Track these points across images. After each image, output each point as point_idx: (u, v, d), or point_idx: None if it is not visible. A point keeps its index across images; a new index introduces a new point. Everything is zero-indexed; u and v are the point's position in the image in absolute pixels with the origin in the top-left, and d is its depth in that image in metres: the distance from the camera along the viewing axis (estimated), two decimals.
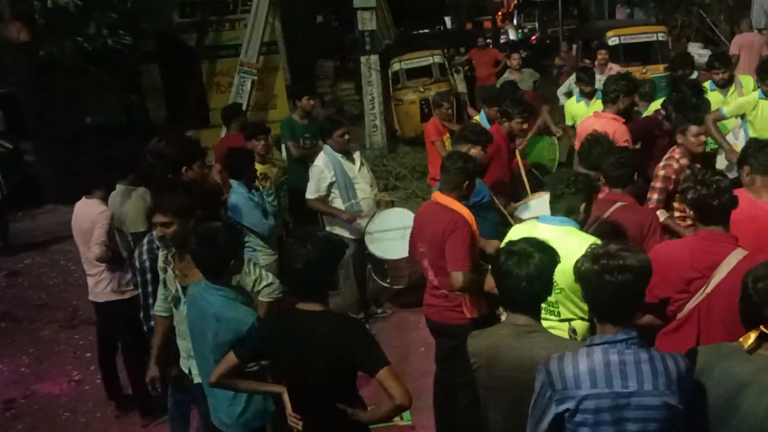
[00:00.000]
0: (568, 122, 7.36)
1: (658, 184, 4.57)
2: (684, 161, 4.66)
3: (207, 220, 3.57)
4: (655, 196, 4.52)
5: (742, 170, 3.75)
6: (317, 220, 6.06)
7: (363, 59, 11.16)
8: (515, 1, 42.50)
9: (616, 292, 2.16)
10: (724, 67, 6.41)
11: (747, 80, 6.83)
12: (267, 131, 6.25)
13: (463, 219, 3.86)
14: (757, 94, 5.80)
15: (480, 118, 6.35)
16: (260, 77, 10.84)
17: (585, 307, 3.08)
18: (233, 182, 5.03)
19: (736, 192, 3.36)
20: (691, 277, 2.95)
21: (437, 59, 12.29)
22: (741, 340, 2.13)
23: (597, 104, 7.23)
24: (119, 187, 5.05)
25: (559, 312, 3.25)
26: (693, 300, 2.97)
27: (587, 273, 2.19)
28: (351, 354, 2.58)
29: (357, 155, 5.78)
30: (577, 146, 5.32)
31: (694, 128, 4.66)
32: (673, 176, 4.56)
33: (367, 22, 10.99)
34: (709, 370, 2.20)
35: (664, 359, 2.15)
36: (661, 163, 4.72)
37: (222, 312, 3.04)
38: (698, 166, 4.54)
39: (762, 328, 2.08)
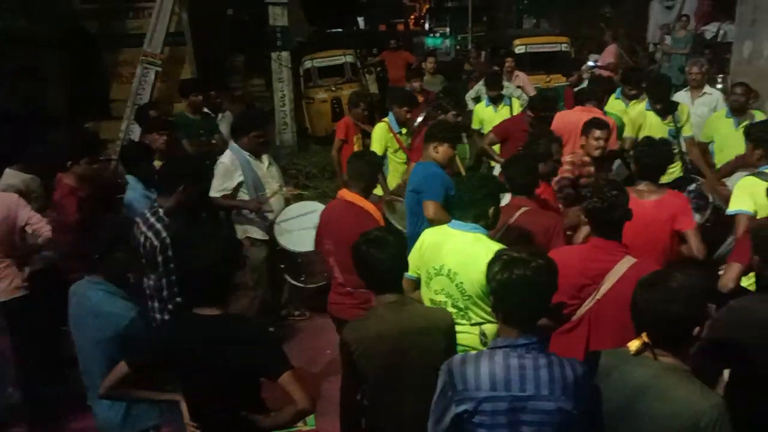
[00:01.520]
0: (476, 126, 7.49)
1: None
2: (586, 159, 4.93)
3: (102, 214, 3.41)
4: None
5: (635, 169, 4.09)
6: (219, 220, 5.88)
7: (274, 55, 10.97)
8: (427, 6, 43.17)
9: (522, 297, 2.22)
10: (633, 83, 6.72)
11: None
12: (169, 125, 5.97)
13: (371, 216, 3.93)
14: (643, 106, 6.16)
15: (389, 119, 6.34)
16: (165, 69, 10.44)
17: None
18: (129, 178, 4.81)
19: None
20: (582, 283, 3.10)
21: (350, 59, 12.26)
22: (628, 344, 2.21)
23: (504, 109, 7.43)
24: (8, 171, 4.89)
25: (470, 317, 3.29)
26: (584, 305, 3.10)
27: (496, 279, 2.23)
28: (252, 359, 2.50)
29: (265, 154, 5.63)
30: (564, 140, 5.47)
31: (596, 132, 4.88)
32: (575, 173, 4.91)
33: (278, 17, 10.81)
34: (608, 374, 2.27)
35: (562, 365, 2.21)
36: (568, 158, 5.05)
37: (100, 306, 2.92)
38: (602, 177, 4.81)
39: (644, 336, 2.16)
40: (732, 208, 4.12)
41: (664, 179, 4.48)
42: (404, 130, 6.37)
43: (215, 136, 6.79)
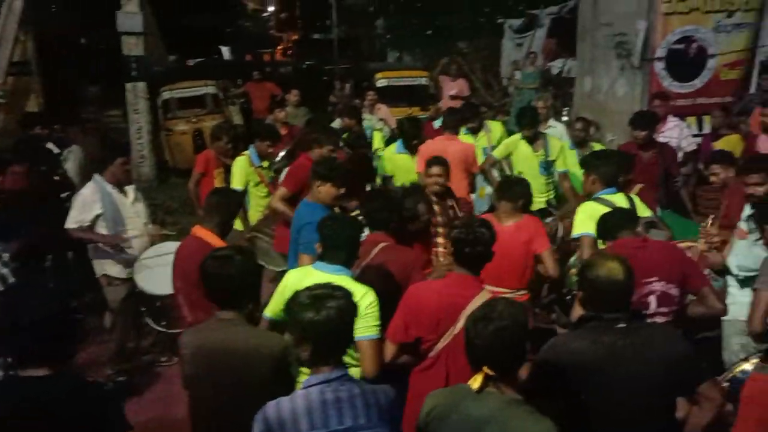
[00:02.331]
0: None
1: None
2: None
3: None
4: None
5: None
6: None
7: (129, 86, 10.55)
8: (294, 37, 43.42)
9: (332, 332, 2.27)
10: (473, 116, 7.05)
11: (495, 125, 7.56)
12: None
13: None
14: (518, 136, 6.51)
15: (249, 152, 6.23)
16: (9, 100, 9.74)
17: (356, 354, 3.13)
18: None
19: (486, 217, 3.93)
20: (439, 318, 3.12)
21: (211, 90, 12.02)
22: (470, 382, 2.26)
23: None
24: None
25: None
26: (441, 341, 3.13)
27: (304, 318, 2.26)
28: (87, 421, 2.29)
29: (131, 188, 5.32)
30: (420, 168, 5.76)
31: (435, 168, 5.05)
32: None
33: (133, 47, 10.43)
34: (447, 414, 2.30)
35: (375, 392, 2.30)
36: None
37: None
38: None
39: (485, 369, 2.22)
40: (576, 231, 4.40)
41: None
42: (266, 164, 6.28)
43: (59, 172, 6.37)
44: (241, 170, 6.08)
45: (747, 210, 4.30)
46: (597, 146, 6.82)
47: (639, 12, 8.10)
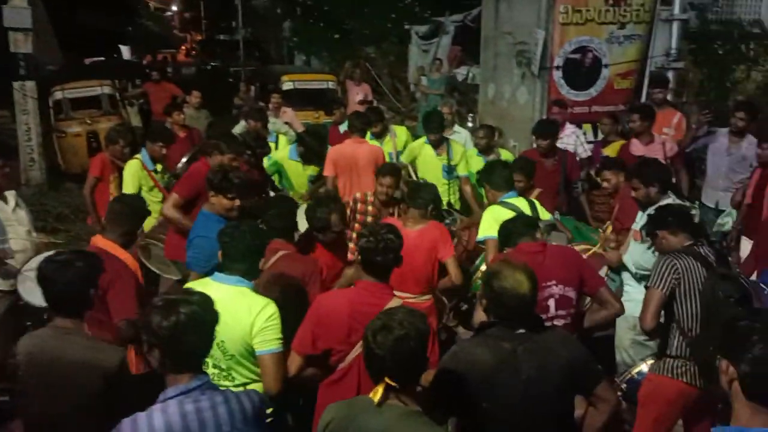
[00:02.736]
0: None
1: None
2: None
3: None
4: None
5: None
6: None
7: (17, 85, 9.90)
8: (199, 37, 42.39)
9: (191, 340, 2.19)
10: (377, 121, 7.06)
11: (400, 130, 7.59)
12: None
13: (124, 266, 3.62)
14: (423, 140, 6.58)
15: (142, 155, 5.94)
16: None
17: (258, 370, 3.04)
18: None
19: (391, 221, 4.01)
20: (351, 327, 3.05)
21: (107, 90, 11.46)
22: (371, 394, 2.20)
23: (270, 145, 7.41)
24: None
25: (233, 377, 3.12)
26: (354, 351, 3.05)
27: (162, 328, 2.16)
28: None
29: (11, 194, 4.93)
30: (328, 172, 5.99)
31: (387, 179, 5.06)
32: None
33: (21, 43, 9.79)
34: (344, 428, 2.23)
35: (239, 397, 2.25)
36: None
37: None
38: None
39: (387, 379, 2.16)
40: (480, 235, 4.52)
41: None
42: (159, 167, 6.00)
43: None
44: (133, 174, 5.79)
45: (640, 216, 4.48)
46: (503, 152, 6.98)
47: (537, 22, 8.34)
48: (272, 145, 7.45)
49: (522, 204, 4.56)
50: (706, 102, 10.43)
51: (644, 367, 3.92)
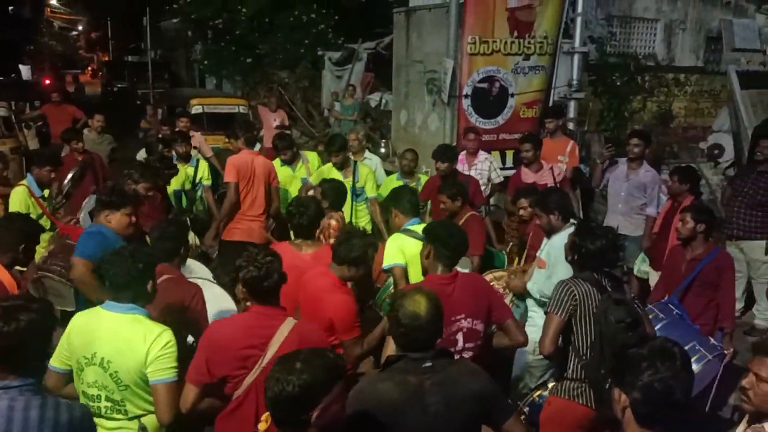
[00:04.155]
0: None
1: None
2: None
3: None
4: None
5: None
6: None
7: None
8: (106, 58, 41.06)
9: (23, 342, 2.29)
10: (287, 148, 7.01)
11: (311, 155, 7.54)
12: None
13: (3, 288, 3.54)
14: (330, 164, 6.57)
15: (28, 181, 5.62)
16: None
17: (152, 399, 2.93)
18: None
19: (281, 246, 4.10)
20: (247, 354, 2.99)
21: (1, 112, 10.87)
22: (259, 425, 2.14)
23: (189, 170, 7.22)
24: None
25: (126, 410, 2.99)
26: (250, 375, 2.99)
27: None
28: None
29: None
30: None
31: None
32: None
33: None
34: None
35: (58, 407, 2.30)
36: None
37: None
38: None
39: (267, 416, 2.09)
40: (386, 263, 4.48)
41: None
42: (47, 192, 5.69)
43: None
44: (20, 201, 5.46)
45: (545, 243, 4.58)
46: (424, 178, 7.06)
47: (447, 51, 8.52)
48: (191, 170, 7.27)
49: None
50: (606, 131, 10.94)
51: (544, 392, 3.98)
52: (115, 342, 2.94)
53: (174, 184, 6.85)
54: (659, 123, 11.79)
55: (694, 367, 3.87)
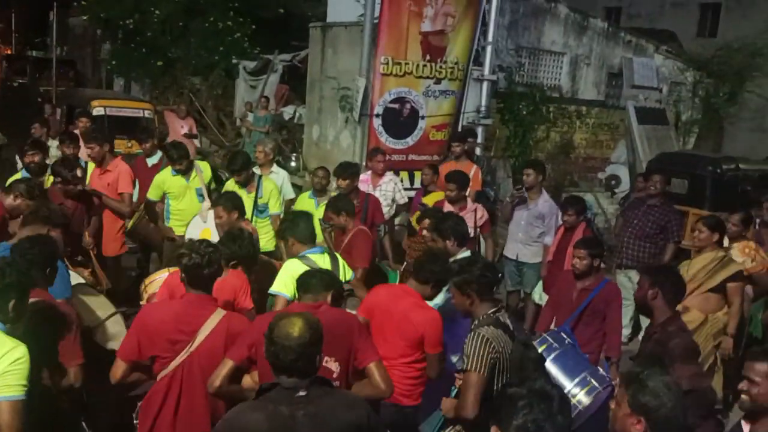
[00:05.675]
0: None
1: None
2: None
3: None
4: None
5: None
6: None
7: None
8: (8, 52, 38.83)
9: None
10: (182, 158, 6.65)
11: (205, 166, 7.29)
12: None
13: None
14: (233, 180, 6.43)
15: None
16: None
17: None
18: None
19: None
20: (176, 338, 3.23)
21: None
22: None
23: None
24: None
25: None
26: (177, 359, 3.23)
27: None
28: None
29: None
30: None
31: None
32: None
33: None
34: None
35: None
36: None
37: None
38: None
39: None
40: (273, 288, 4.23)
41: None
42: None
43: None
44: None
45: None
46: (335, 195, 6.98)
47: (360, 70, 8.55)
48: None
49: (322, 260, 4.33)
50: (511, 157, 11.26)
51: None
52: None
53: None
54: (561, 152, 12.25)
55: (585, 399, 3.88)
